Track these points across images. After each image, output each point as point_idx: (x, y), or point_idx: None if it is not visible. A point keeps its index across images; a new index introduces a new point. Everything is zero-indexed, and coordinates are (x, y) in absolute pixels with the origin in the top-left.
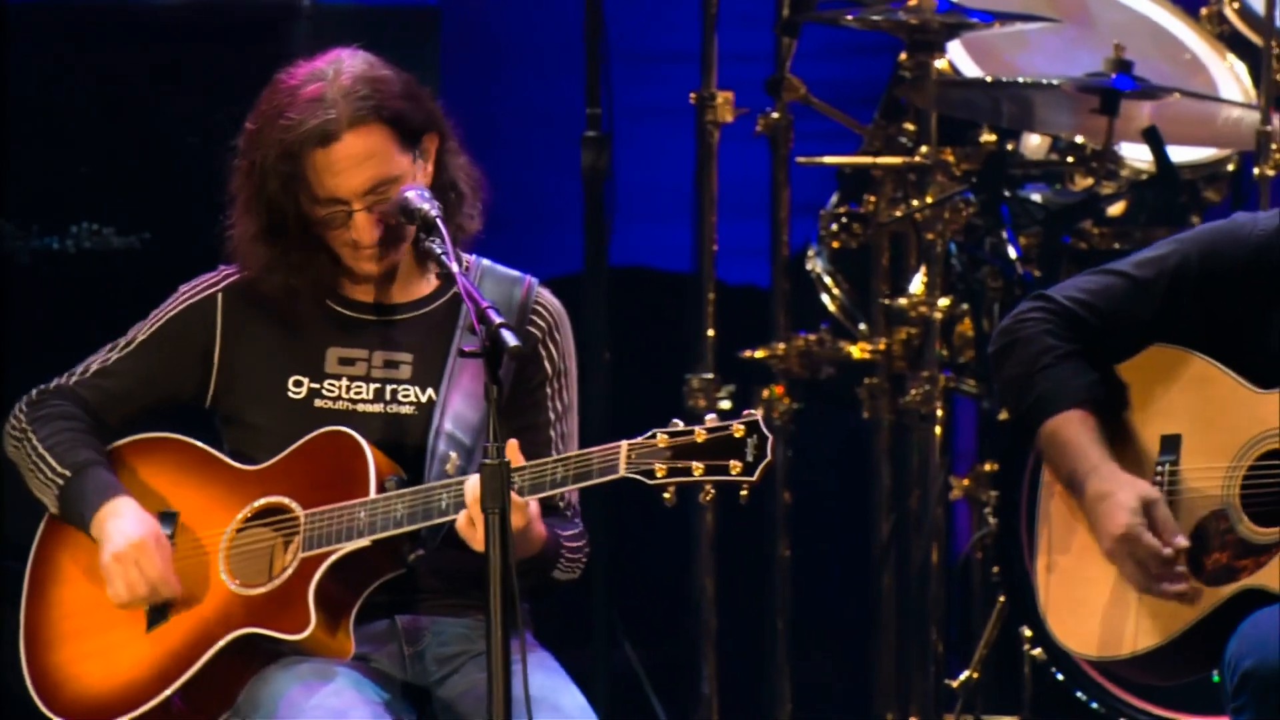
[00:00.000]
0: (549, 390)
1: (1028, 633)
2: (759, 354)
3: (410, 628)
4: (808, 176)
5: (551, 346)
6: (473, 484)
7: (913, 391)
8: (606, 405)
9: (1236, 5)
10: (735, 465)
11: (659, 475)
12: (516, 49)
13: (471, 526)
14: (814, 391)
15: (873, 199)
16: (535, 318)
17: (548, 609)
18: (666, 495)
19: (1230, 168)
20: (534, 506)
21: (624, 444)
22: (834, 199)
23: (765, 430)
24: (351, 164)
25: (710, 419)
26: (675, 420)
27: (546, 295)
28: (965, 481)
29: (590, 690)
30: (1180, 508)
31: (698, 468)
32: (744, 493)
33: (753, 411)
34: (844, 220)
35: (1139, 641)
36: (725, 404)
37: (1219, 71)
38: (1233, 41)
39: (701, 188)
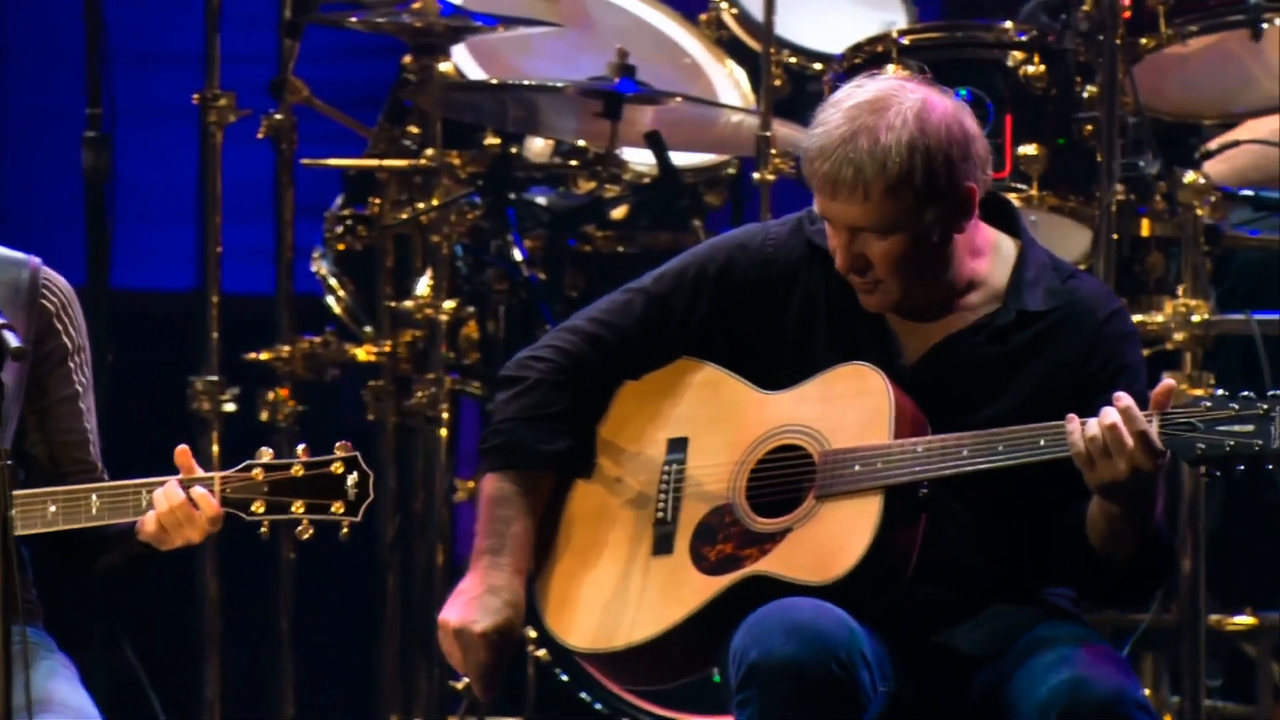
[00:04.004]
0: (71, 365)
1: (532, 634)
2: (263, 356)
3: None
4: (313, 178)
5: (66, 322)
6: (162, 493)
7: (418, 394)
8: (110, 408)
9: (735, 11)
10: (337, 505)
11: (256, 510)
12: (15, 48)
13: (164, 532)
14: (319, 393)
15: (378, 201)
16: (46, 295)
17: (49, 610)
18: (262, 530)
19: (731, 172)
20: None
21: (217, 476)
22: (339, 201)
23: (365, 467)
24: None
25: (302, 450)
26: (263, 450)
27: (52, 274)
28: (470, 484)
29: (90, 692)
30: (685, 504)
31: (297, 505)
32: (345, 531)
33: (346, 443)
34: (349, 222)
35: (635, 633)
36: (230, 406)
37: (719, 76)
38: (731, 47)
39: (205, 190)
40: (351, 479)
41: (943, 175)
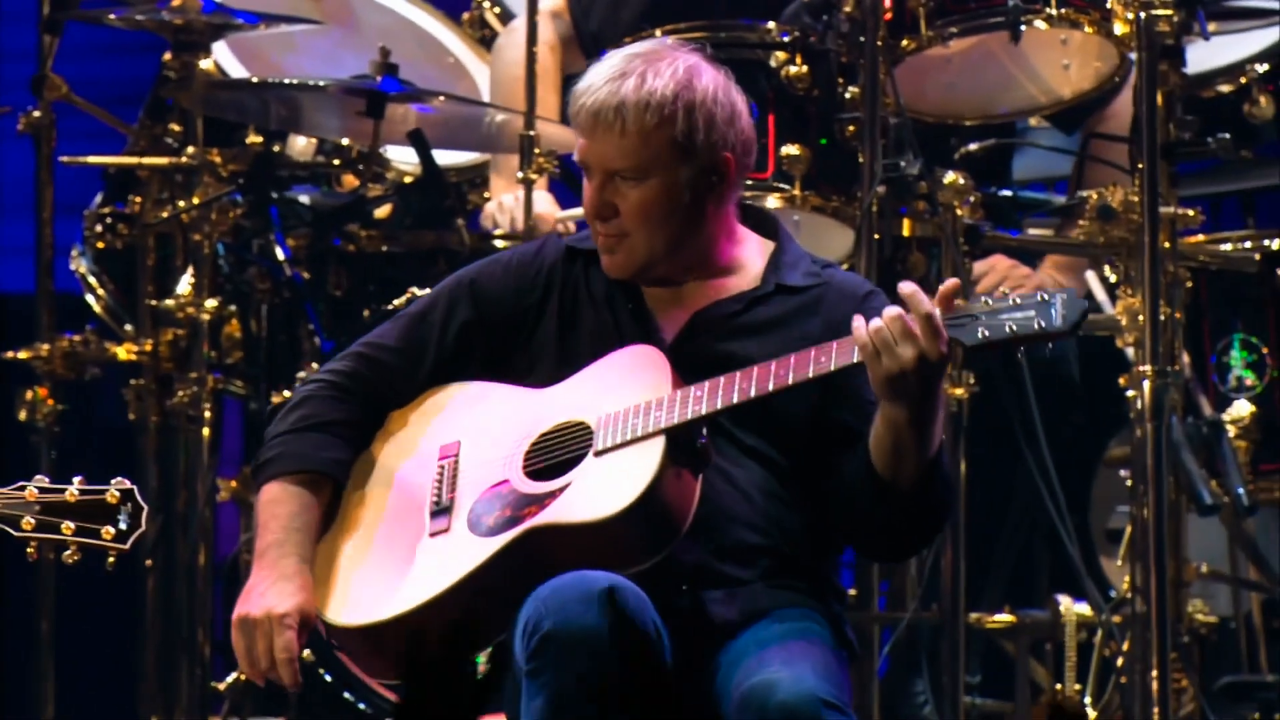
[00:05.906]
0: None
1: None
2: (22, 355)
3: None
4: (73, 176)
5: None
6: None
7: (180, 393)
8: None
9: (497, 10)
10: (107, 531)
11: (25, 527)
12: None
13: None
14: (79, 392)
15: (138, 199)
16: None
17: None
18: (30, 550)
19: None
20: None
21: None
22: (99, 199)
23: (140, 500)
24: None
25: (79, 480)
26: (40, 475)
27: None
28: (233, 483)
29: None
30: (461, 488)
31: (67, 527)
32: (111, 560)
33: (124, 479)
34: (109, 220)
35: (409, 598)
36: None
37: (482, 75)
38: (493, 45)
39: None
40: (125, 509)
41: (702, 131)
